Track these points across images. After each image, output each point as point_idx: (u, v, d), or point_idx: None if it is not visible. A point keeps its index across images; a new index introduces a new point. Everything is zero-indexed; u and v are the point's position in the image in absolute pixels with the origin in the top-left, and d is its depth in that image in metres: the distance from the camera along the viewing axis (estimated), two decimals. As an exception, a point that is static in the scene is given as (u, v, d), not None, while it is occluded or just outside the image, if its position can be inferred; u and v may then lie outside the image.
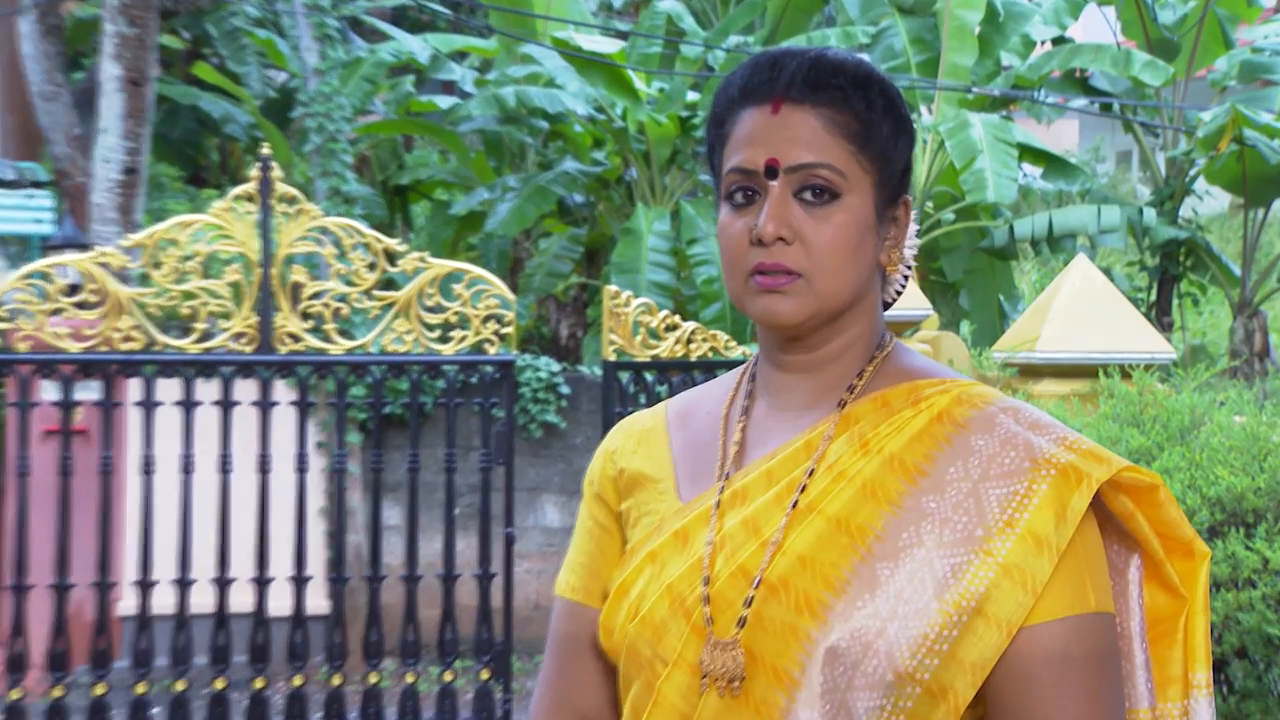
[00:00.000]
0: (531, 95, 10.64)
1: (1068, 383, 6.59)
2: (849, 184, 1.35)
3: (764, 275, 1.35)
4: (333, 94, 8.91)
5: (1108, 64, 10.97)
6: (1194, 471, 4.35)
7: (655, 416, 1.52)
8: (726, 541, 1.37)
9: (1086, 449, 1.32)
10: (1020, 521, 1.29)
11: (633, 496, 1.48)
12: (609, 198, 12.08)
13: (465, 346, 5.45)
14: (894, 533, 1.31)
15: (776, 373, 1.42)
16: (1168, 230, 11.88)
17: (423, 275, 5.39)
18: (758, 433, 1.43)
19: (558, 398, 8.39)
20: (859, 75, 1.37)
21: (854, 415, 1.38)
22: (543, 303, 12.33)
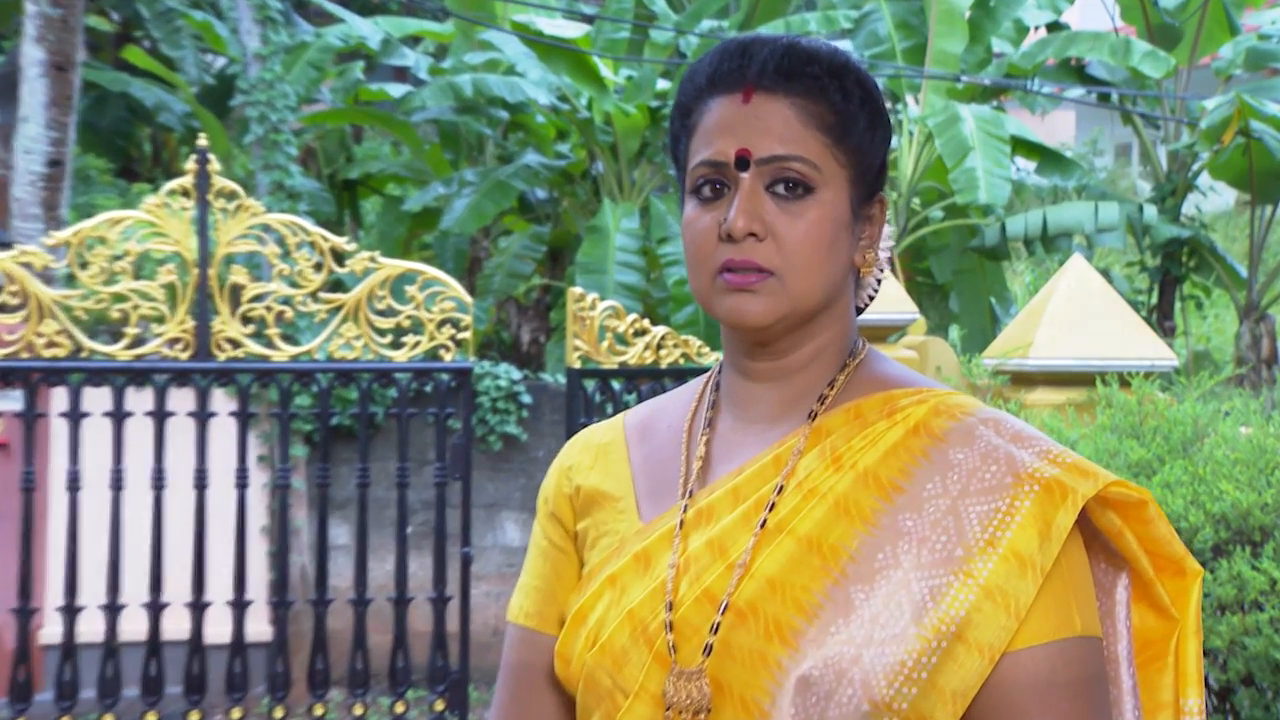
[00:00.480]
0: (490, 83, 10.64)
1: (1063, 391, 6.63)
2: (824, 178, 1.35)
3: (733, 273, 1.35)
4: (275, 81, 8.88)
5: (1105, 52, 11.05)
6: (1197, 486, 4.38)
7: (613, 430, 1.52)
8: (691, 564, 1.37)
9: (1071, 463, 1.33)
10: (1002, 540, 1.29)
11: (590, 516, 1.48)
12: (573, 193, 12.09)
13: (419, 353, 5.44)
14: (869, 553, 1.31)
15: (742, 381, 1.43)
16: (1169, 229, 11.97)
17: (373, 276, 5.37)
18: (723, 447, 1.43)
19: (518, 408, 8.38)
20: (834, 64, 1.38)
21: (825, 428, 1.38)
22: (502, 306, 12.32)
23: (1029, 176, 13.43)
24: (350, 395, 7.86)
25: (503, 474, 8.42)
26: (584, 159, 12.03)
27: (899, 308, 7.14)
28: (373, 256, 5.39)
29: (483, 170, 11.28)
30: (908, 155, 11.29)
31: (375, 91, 12.35)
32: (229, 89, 11.32)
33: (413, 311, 5.43)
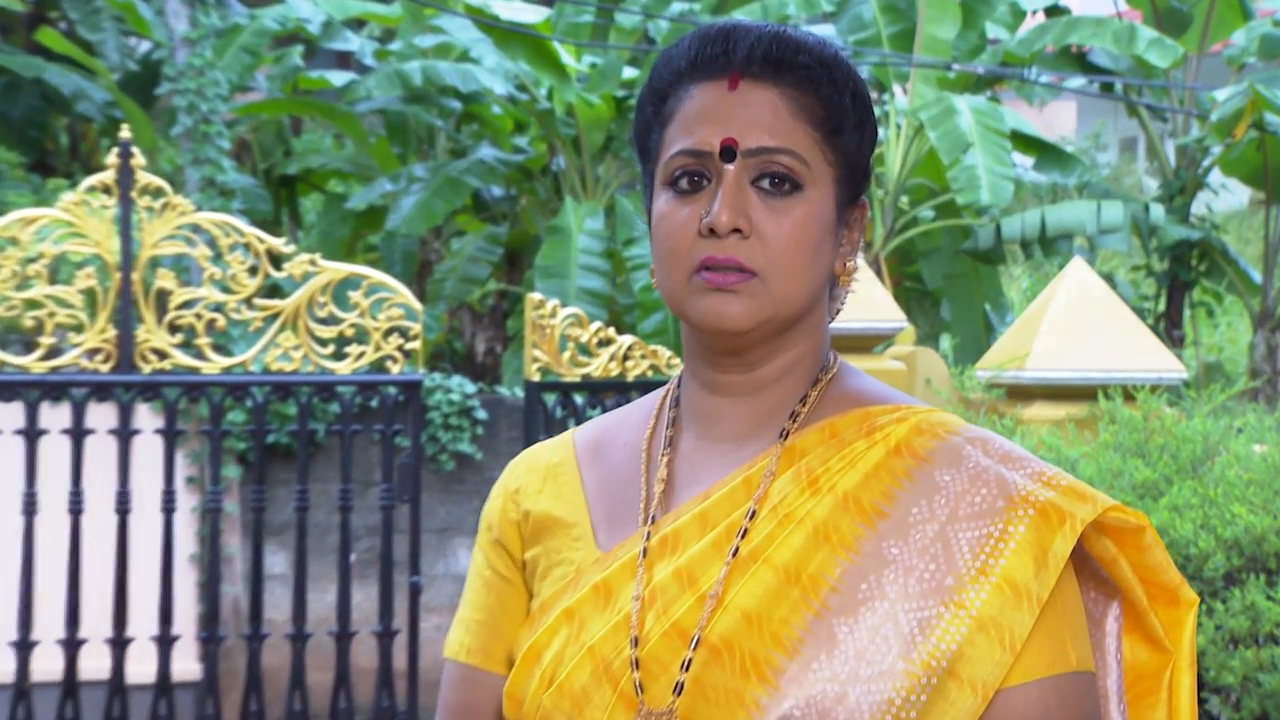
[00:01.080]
0: (441, 71, 10.64)
1: (1062, 406, 6.67)
2: (812, 175, 1.36)
3: (713, 271, 1.35)
4: (205, 67, 8.85)
5: (1109, 39, 11.13)
6: (1207, 509, 4.42)
7: (562, 449, 1.51)
8: (657, 596, 1.37)
9: (1067, 485, 1.34)
10: (995, 569, 1.30)
11: (541, 543, 1.47)
12: (532, 191, 12.09)
13: (364, 364, 5.43)
14: (852, 583, 1.32)
15: (707, 396, 1.43)
16: (1178, 230, 12.06)
17: (313, 281, 5.36)
18: (686, 468, 1.43)
19: (473, 424, 8.37)
20: (824, 56, 1.39)
21: (799, 447, 1.39)
22: (455, 313, 12.30)
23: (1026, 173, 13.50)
24: (288, 411, 7.84)
25: (455, 496, 8.41)
26: (544, 153, 12.03)
27: (885, 315, 7.17)
28: (313, 259, 5.39)
29: (433, 165, 11.28)
30: (895, 150, 11.34)
31: (315, 79, 12.32)
32: (154, 76, 11.28)
33: (357, 319, 5.42)
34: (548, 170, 12.11)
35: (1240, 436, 5.09)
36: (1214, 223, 13.13)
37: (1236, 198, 18.32)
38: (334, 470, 7.77)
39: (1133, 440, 5.03)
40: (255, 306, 5.39)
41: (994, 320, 11.78)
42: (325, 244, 11.63)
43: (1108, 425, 5.38)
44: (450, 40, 11.17)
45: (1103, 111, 21.55)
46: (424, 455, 8.18)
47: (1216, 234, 12.85)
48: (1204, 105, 12.51)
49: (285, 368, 5.38)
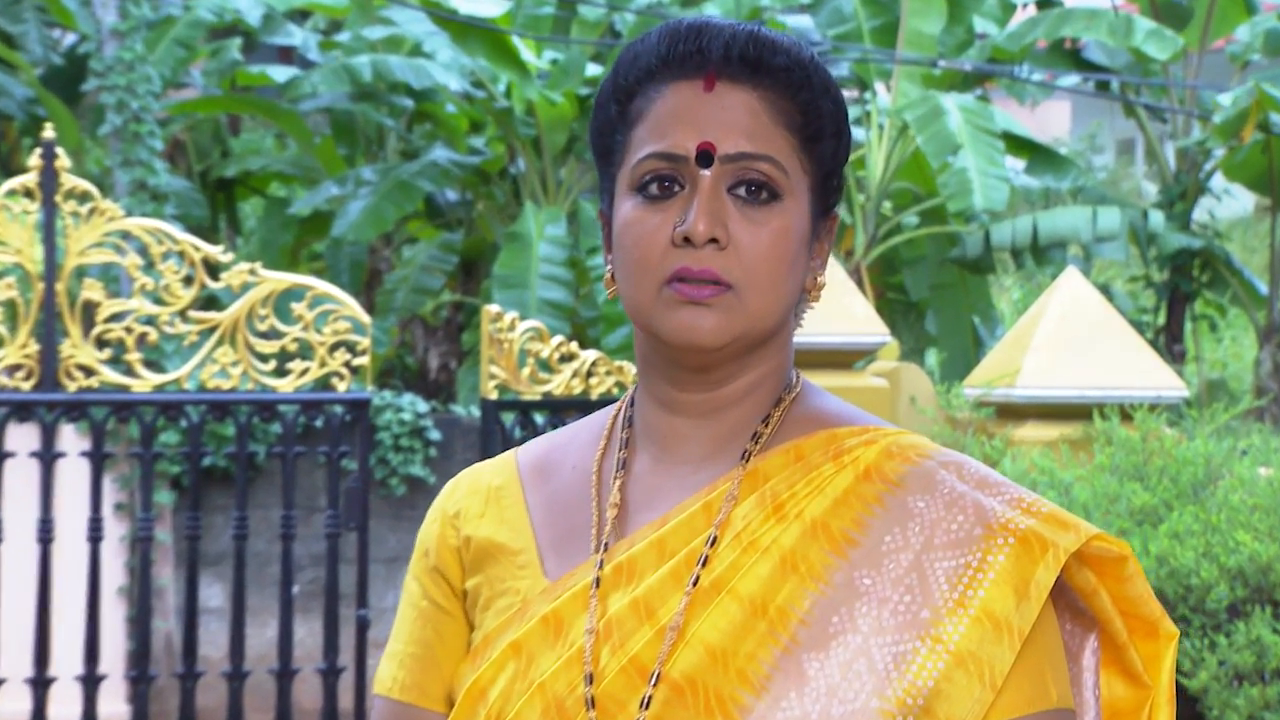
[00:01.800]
0: (392, 66, 10.64)
1: (1056, 426, 6.70)
2: (790, 184, 1.38)
3: (686, 283, 1.36)
4: (136, 62, 8.83)
5: (1104, 32, 11.20)
6: (1210, 536, 4.44)
7: (505, 470, 1.51)
8: (613, 629, 1.37)
9: (1047, 512, 1.36)
10: (974, 600, 1.32)
11: (483, 571, 1.47)
12: (490, 195, 12.09)
13: (307, 381, 5.42)
14: (822, 616, 1.33)
15: (665, 416, 1.43)
16: (1178, 238, 12.14)
17: (253, 292, 5.35)
18: (641, 492, 1.43)
19: (425, 445, 8.36)
20: (803, 58, 1.40)
21: (762, 471, 1.40)
22: (406, 326, 12.28)
23: (1018, 177, 13.57)
24: (226, 432, 7.81)
25: (406, 523, 8.39)
26: (502, 155, 12.03)
27: (867, 329, 7.19)
28: (253, 269, 5.37)
29: (383, 168, 11.26)
30: (877, 152, 11.38)
31: (255, 75, 12.29)
32: (80, 71, 11.22)
33: (300, 333, 5.41)
34: (506, 173, 12.11)
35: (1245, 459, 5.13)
36: (1217, 230, 13.23)
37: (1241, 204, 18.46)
38: (275, 495, 7.74)
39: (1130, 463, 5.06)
40: (190, 319, 5.38)
41: (983, 334, 11.83)
42: (266, 252, 11.60)
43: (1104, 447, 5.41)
44: (401, 33, 11.16)
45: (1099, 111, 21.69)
46: (372, 479, 8.16)
47: (1220, 242, 12.94)
48: (1206, 105, 12.60)
49: (223, 385, 5.36)
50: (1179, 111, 12.66)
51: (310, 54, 12.32)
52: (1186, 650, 4.32)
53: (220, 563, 7.99)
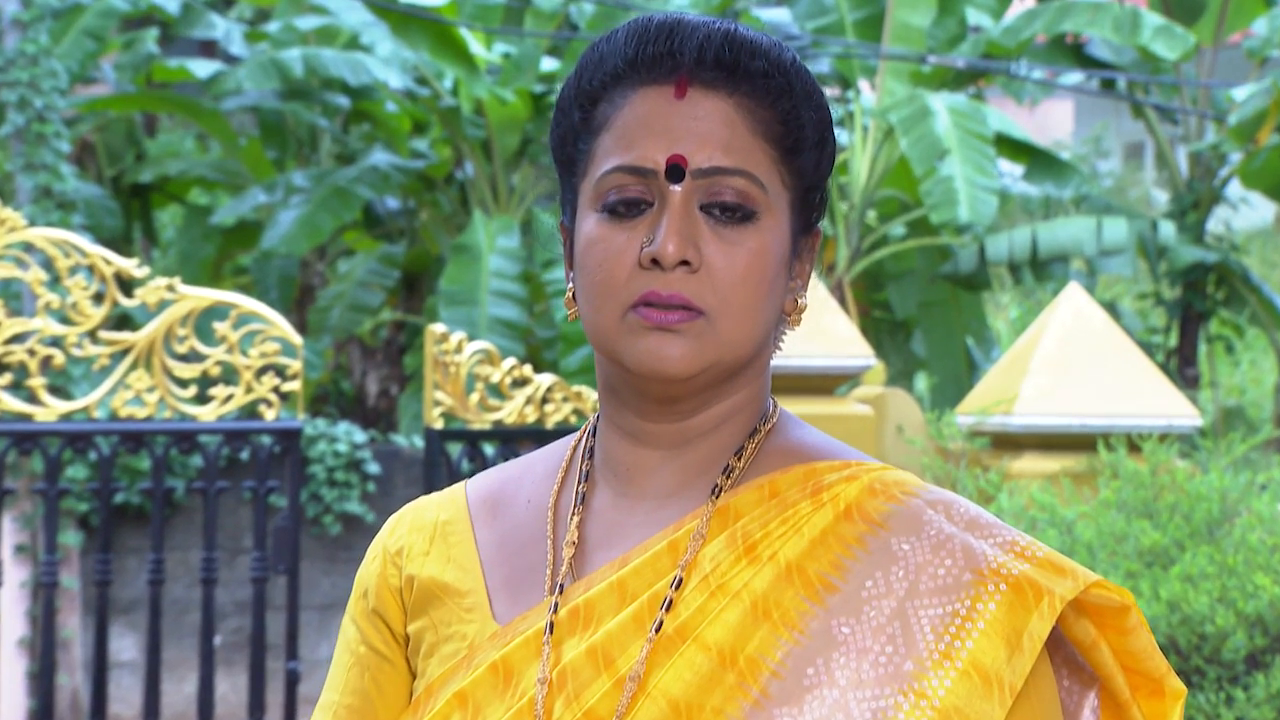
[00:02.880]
0: (326, 60, 10.63)
1: (1057, 458, 6.73)
2: (768, 201, 1.38)
3: (654, 308, 1.36)
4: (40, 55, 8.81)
5: (1109, 27, 11.28)
6: (1226, 579, 4.47)
7: (452, 504, 1.52)
8: (567, 678, 1.38)
9: (1043, 557, 1.36)
10: (961, 652, 1.33)
11: (426, 614, 1.48)
12: (435, 203, 12.09)
13: (232, 409, 5.41)
14: (796, 667, 1.33)
15: (629, 447, 1.44)
16: (1191, 251, 12.21)
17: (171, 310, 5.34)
18: (601, 529, 1.44)
19: (363, 479, 8.34)
20: (783, 61, 1.41)
21: (733, 509, 1.40)
22: (343, 348, 12.26)
23: (1015, 184, 13.66)
24: (140, 465, 7.77)
25: (341, 565, 8.36)
26: (448, 159, 12.04)
27: (850, 351, 7.21)
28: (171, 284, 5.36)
29: (316, 173, 11.25)
30: (861, 156, 11.43)
31: (174, 70, 12.27)
32: (-18, 65, 11.21)
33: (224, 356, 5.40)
34: (453, 179, 12.11)
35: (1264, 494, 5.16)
36: (1233, 243, 13.31)
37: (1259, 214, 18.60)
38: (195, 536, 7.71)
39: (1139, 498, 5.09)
40: (100, 341, 5.36)
41: (977, 356, 11.88)
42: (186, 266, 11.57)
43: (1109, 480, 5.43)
44: (336, 24, 11.16)
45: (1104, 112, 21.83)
46: (304, 517, 8.13)
47: (1236, 256, 13.02)
48: (1221, 106, 12.69)
49: (137, 414, 5.34)
50: (1191, 112, 12.75)
51: (235, 47, 12.28)
52: (1201, 705, 4.34)
53: (133, 610, 7.94)
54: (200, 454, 5.45)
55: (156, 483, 5.43)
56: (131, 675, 7.92)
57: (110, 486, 5.42)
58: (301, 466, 5.80)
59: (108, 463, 5.41)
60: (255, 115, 12.26)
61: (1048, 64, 12.63)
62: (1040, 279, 11.65)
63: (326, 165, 11.95)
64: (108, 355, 5.37)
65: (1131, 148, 23.66)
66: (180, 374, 5.37)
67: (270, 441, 5.48)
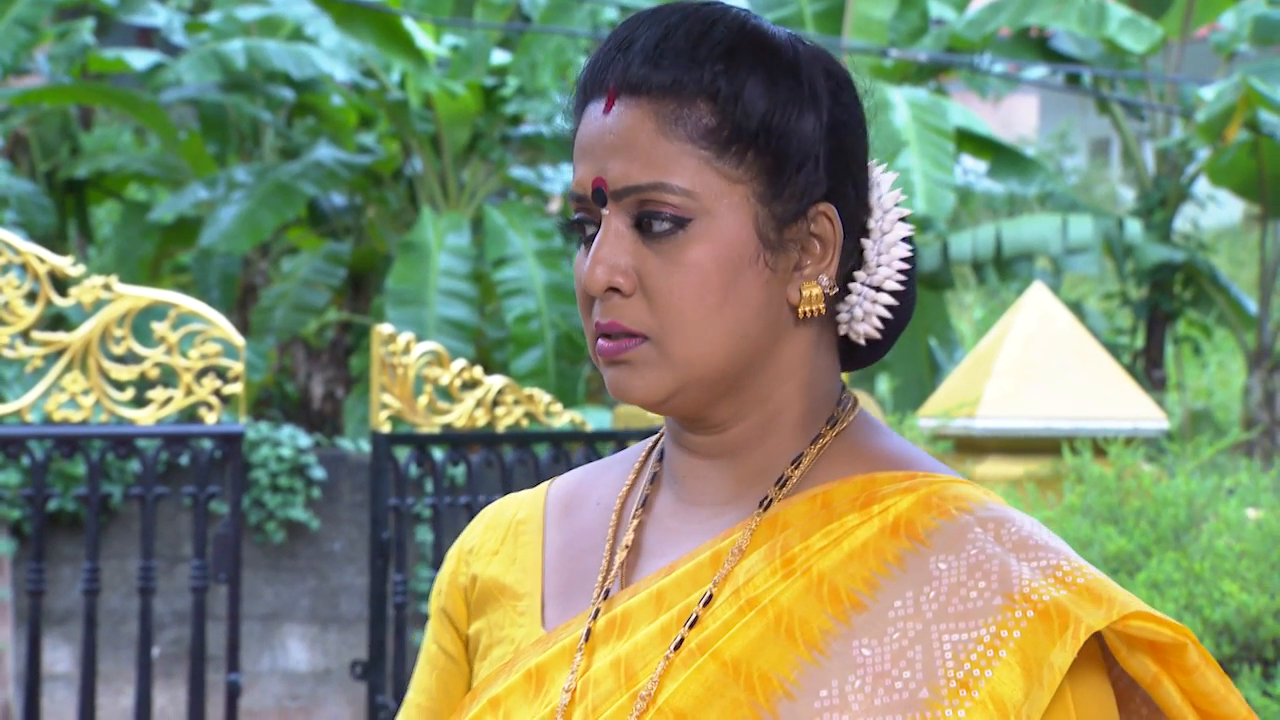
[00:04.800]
0: (270, 52, 10.60)
1: (1020, 461, 6.76)
2: (704, 204, 1.34)
3: (604, 338, 1.36)
4: (-24, 45, 8.76)
5: (1074, 20, 11.33)
6: (1192, 586, 4.49)
7: (532, 503, 1.52)
8: (589, 690, 1.37)
9: (1083, 584, 1.31)
10: (979, 681, 1.28)
11: (485, 616, 1.48)
12: (382, 199, 12.06)
13: (171, 412, 5.38)
14: (810, 688, 1.30)
15: (682, 454, 1.42)
16: (1159, 250, 12.28)
17: (108, 310, 5.31)
18: (657, 535, 1.42)
19: (307, 485, 8.32)
20: (725, 42, 1.36)
21: (782, 519, 1.37)
22: (287, 349, 12.22)
23: (978, 181, 13.71)
24: (76, 470, 7.73)
25: (285, 574, 8.34)
26: (396, 154, 12.02)
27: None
28: (107, 283, 5.33)
29: (259, 168, 11.22)
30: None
31: (111, 61, 12.21)
32: (-89, 55, 11.13)
33: (163, 357, 5.37)
34: (400, 175, 12.09)
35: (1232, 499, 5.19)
36: (1201, 242, 13.39)
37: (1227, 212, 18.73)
38: (133, 544, 7.67)
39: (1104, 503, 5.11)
40: (33, 341, 5.33)
41: (940, 358, 11.92)
42: (123, 264, 11.52)
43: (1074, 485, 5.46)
44: (279, 14, 11.13)
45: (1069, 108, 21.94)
46: (246, 524, 8.11)
47: (1204, 255, 13.10)
48: (1188, 101, 12.76)
49: (72, 417, 5.31)
50: (1158, 108, 12.81)
51: (175, 37, 12.24)
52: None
53: (68, 621, 7.91)
54: (138, 459, 5.42)
55: (92, 489, 5.40)
56: (66, 688, 7.88)
57: (44, 493, 5.39)
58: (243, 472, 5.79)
59: (41, 468, 5.38)
60: (195, 108, 12.21)
61: (1012, 58, 12.68)
62: (1005, 278, 11.70)
63: (270, 160, 11.92)
64: (41, 357, 5.34)
65: (1097, 144, 23.79)
66: (117, 376, 5.34)
67: (211, 446, 5.46)
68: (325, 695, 8.43)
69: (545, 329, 10.15)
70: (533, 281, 10.26)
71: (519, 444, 5.58)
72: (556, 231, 10.74)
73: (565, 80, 11.41)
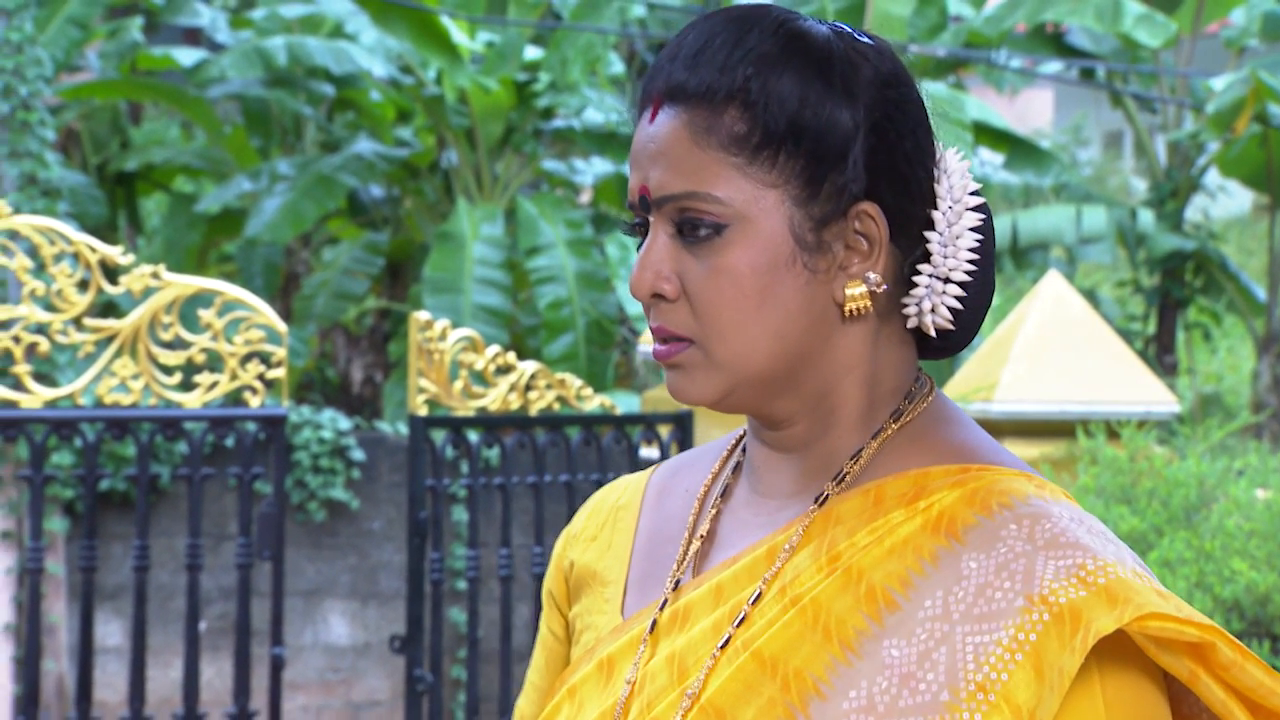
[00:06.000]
0: (310, 49, 10.62)
1: (1035, 444, 6.74)
2: (739, 210, 1.32)
3: (658, 343, 1.35)
4: (25, 43, 8.78)
5: (1089, 16, 11.30)
6: (1203, 564, 4.48)
7: (633, 488, 1.50)
8: (646, 683, 1.35)
9: (1104, 584, 1.25)
10: (996, 685, 1.24)
11: (580, 601, 1.47)
12: (419, 191, 12.08)
13: (217, 396, 5.40)
14: (841, 688, 1.27)
15: (757, 445, 1.40)
16: (1170, 239, 12.24)
17: (156, 297, 5.33)
18: (731, 525, 1.40)
19: (347, 466, 8.33)
20: (759, 44, 1.33)
21: (835, 515, 1.34)
22: (327, 335, 12.25)
23: (995, 172, 13.67)
24: (126, 451, 7.77)
25: (326, 552, 8.36)
26: (432, 147, 12.03)
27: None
28: (156, 272, 5.35)
29: (301, 161, 11.24)
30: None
31: (159, 57, 12.25)
32: (-33, 52, 11.18)
33: (209, 343, 5.39)
34: (437, 167, 12.10)
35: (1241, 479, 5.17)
36: (1211, 231, 13.34)
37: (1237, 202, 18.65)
38: (180, 522, 7.70)
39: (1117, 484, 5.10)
40: (85, 328, 5.35)
41: (958, 344, 11.88)
42: (171, 253, 11.55)
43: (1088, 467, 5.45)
44: (321, 12, 11.15)
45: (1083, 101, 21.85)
46: (289, 503, 8.13)
47: (1214, 244, 13.05)
48: (1199, 95, 12.72)
49: (122, 400, 5.34)
50: (1170, 101, 12.77)
51: (219, 35, 12.27)
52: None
53: (119, 596, 7.94)
54: (185, 441, 5.44)
55: (141, 469, 5.42)
56: (117, 660, 7.92)
57: (95, 473, 5.41)
58: (286, 453, 5.80)
59: (93, 449, 5.40)
60: (240, 103, 12.24)
61: (1028, 53, 12.65)
62: (1020, 267, 11.68)
63: (311, 153, 11.93)
64: (93, 342, 5.36)
65: (1111, 136, 23.71)
66: (165, 361, 5.36)
67: (255, 428, 5.48)
68: (365, 668, 8.45)
69: (576, 315, 10.15)
70: (564, 270, 10.27)
71: (551, 427, 5.58)
72: (587, 222, 10.74)
73: (595, 75, 11.42)
